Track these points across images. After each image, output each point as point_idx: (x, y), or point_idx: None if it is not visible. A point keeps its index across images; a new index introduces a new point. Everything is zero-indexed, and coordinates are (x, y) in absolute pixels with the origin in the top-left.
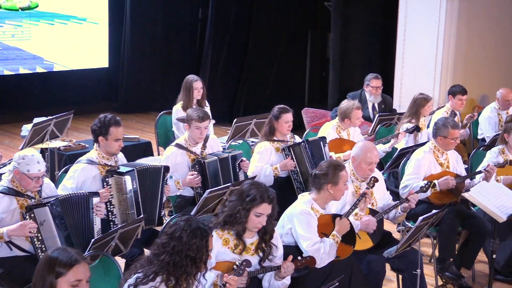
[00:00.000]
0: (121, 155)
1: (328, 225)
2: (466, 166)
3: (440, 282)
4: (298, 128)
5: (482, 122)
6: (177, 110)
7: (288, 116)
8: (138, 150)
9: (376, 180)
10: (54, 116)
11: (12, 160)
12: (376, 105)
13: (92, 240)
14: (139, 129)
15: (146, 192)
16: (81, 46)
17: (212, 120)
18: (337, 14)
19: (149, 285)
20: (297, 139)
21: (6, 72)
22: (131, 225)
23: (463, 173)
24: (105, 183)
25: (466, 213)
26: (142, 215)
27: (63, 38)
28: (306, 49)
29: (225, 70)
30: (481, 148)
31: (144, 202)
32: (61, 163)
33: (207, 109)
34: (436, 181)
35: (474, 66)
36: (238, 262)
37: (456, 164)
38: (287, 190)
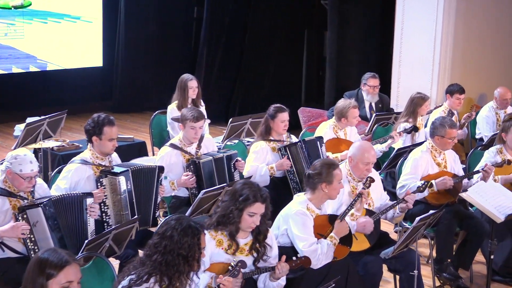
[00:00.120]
0: (115, 155)
1: (324, 225)
2: (464, 166)
3: (437, 283)
4: (294, 127)
5: (480, 121)
6: (172, 110)
7: (284, 116)
8: (133, 150)
9: (372, 180)
10: (47, 116)
11: (4, 160)
12: (373, 104)
13: (86, 241)
14: (134, 129)
15: (140, 193)
16: (75, 45)
17: (207, 120)
18: (334, 13)
19: (143, 286)
20: (294, 138)
21: None
22: (125, 226)
23: (460, 173)
24: (99, 184)
25: (464, 214)
26: (136, 216)
27: (56, 37)
28: (302, 48)
29: (221, 69)
30: (479, 148)
31: (138, 203)
32: (54, 163)
33: (202, 108)
34: (433, 181)
35: (472, 65)
36: (233, 263)
37: (453, 164)
38: (283, 190)
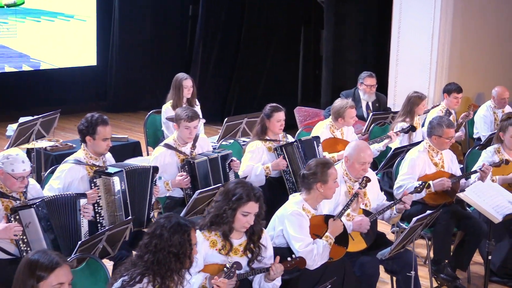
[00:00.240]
0: (109, 155)
1: (320, 226)
2: (461, 165)
3: (435, 284)
4: (290, 127)
5: (477, 121)
6: (167, 109)
7: (280, 115)
8: (127, 150)
9: (368, 180)
10: (40, 116)
11: None
12: (370, 103)
13: (79, 243)
14: (128, 129)
15: (134, 193)
16: (69, 43)
17: (202, 120)
18: (331, 11)
19: (136, 287)
20: (290, 138)
21: None
22: (119, 227)
23: (458, 173)
24: (92, 184)
25: (462, 214)
26: (130, 217)
27: (50, 36)
28: (299, 47)
29: (216, 68)
30: (477, 148)
31: (132, 204)
32: (47, 163)
33: (197, 108)
34: (431, 182)
35: (470, 64)
36: (228, 264)
37: (451, 163)
38: (279, 191)
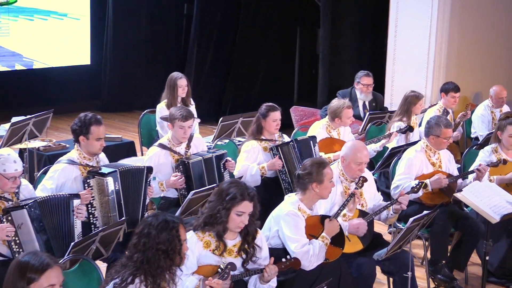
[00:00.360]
0: (103, 156)
1: (316, 226)
2: (459, 165)
3: (432, 285)
4: (286, 127)
5: (475, 120)
6: (161, 109)
7: (276, 115)
8: (121, 150)
9: (365, 179)
10: (33, 115)
11: None
12: (367, 103)
13: (72, 244)
14: (122, 129)
15: (128, 194)
16: (62, 42)
17: (197, 119)
18: (327, 10)
19: None
20: (286, 138)
21: None
22: (113, 227)
23: (455, 172)
24: (86, 185)
25: (459, 214)
26: (124, 218)
27: (43, 34)
28: (295, 46)
29: (211, 68)
30: (474, 147)
31: (126, 204)
32: (40, 163)
33: (192, 107)
34: (428, 181)
35: (467, 63)
36: (222, 265)
37: (448, 163)
38: (274, 191)
